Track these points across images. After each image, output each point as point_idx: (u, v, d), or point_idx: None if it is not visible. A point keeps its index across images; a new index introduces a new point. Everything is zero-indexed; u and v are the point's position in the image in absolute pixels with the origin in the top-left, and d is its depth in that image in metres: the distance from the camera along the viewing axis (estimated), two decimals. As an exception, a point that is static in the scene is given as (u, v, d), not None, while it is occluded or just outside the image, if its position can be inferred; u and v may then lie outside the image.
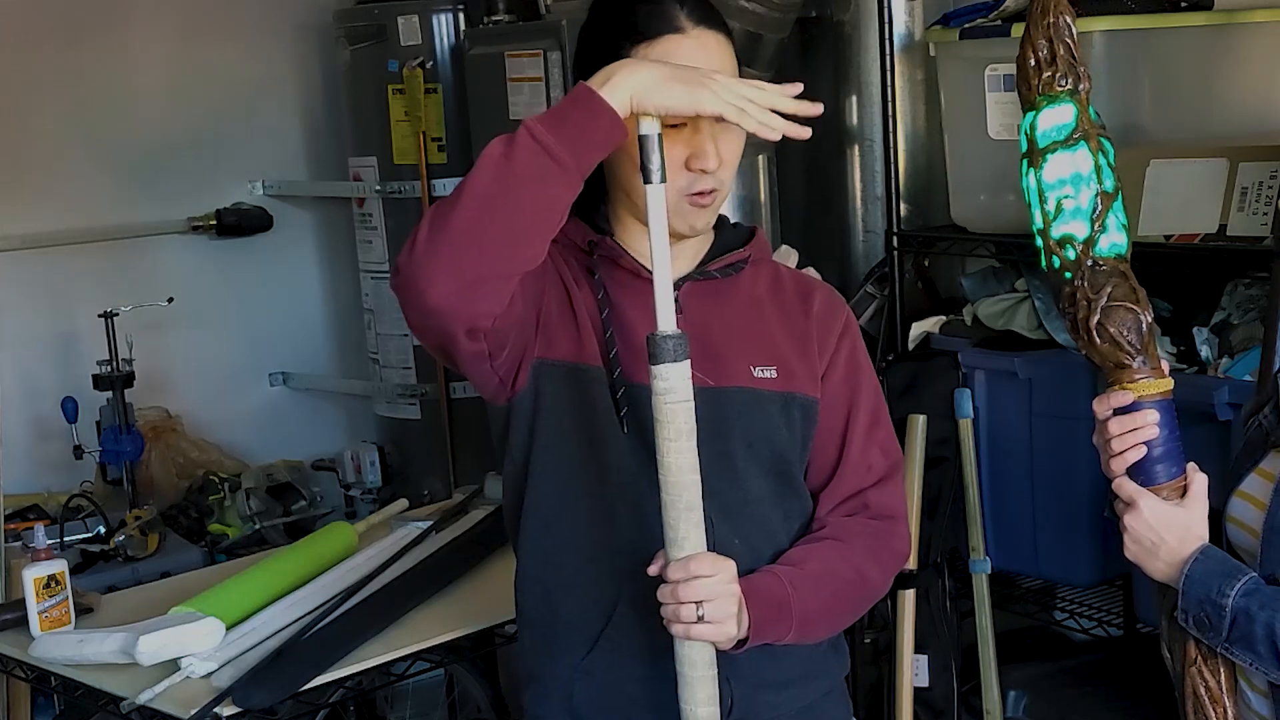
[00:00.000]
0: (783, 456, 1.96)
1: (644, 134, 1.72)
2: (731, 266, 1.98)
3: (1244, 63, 3.06)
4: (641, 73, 1.72)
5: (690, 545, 1.76)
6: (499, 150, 1.69)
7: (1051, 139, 1.91)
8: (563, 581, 1.95)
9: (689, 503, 1.75)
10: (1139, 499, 1.90)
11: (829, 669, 2.04)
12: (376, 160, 4.32)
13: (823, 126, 3.84)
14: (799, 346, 1.98)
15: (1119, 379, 1.91)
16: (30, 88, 4.21)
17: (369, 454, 4.36)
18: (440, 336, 1.78)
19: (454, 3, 4.19)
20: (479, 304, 1.73)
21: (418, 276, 1.70)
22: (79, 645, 2.52)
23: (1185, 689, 1.91)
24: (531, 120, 1.70)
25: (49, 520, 3.68)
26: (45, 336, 4.24)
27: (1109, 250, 1.90)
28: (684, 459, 1.74)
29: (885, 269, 3.63)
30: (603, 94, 1.70)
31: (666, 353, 1.72)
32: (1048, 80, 1.91)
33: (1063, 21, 1.91)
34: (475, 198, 1.68)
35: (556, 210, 1.72)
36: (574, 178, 1.70)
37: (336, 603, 2.63)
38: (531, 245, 1.72)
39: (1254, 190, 2.91)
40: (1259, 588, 1.82)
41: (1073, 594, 3.63)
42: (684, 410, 1.74)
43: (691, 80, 1.72)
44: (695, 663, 1.78)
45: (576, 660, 1.94)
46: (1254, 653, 1.81)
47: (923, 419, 3.31)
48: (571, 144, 1.69)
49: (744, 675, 1.92)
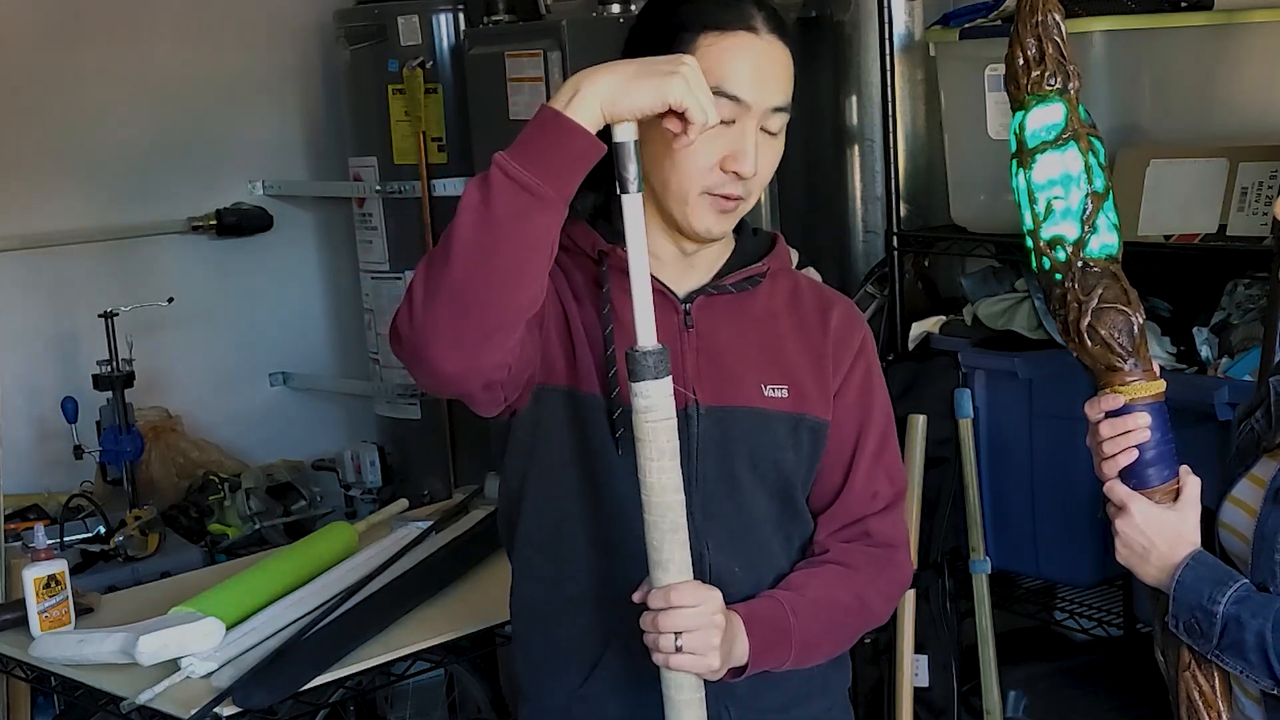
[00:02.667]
0: (788, 479, 1.91)
1: (618, 141, 1.64)
2: (748, 280, 1.91)
3: (1244, 63, 3.06)
4: (606, 78, 1.63)
5: (675, 567, 1.70)
6: (476, 196, 1.61)
7: (1041, 139, 1.89)
8: (560, 607, 1.91)
9: (673, 523, 1.69)
10: (1130, 503, 1.88)
11: (829, 685, 2.00)
12: (376, 160, 4.32)
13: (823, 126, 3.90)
14: (814, 365, 1.92)
15: (1110, 381, 1.89)
16: (30, 88, 4.21)
17: (369, 454, 4.36)
18: (454, 395, 1.73)
19: (454, 3, 4.19)
20: (491, 357, 1.67)
21: (426, 347, 1.64)
22: (79, 645, 2.52)
23: (1180, 694, 1.90)
24: (501, 156, 1.62)
25: (49, 520, 3.68)
26: (45, 336, 4.25)
27: (1100, 251, 1.88)
28: (667, 478, 1.68)
29: (885, 269, 3.62)
30: (569, 111, 1.61)
31: (647, 369, 1.65)
32: (1036, 79, 1.89)
33: (1051, 20, 1.89)
34: (464, 249, 1.60)
35: (548, 241, 1.64)
36: (558, 205, 1.63)
37: (336, 603, 2.62)
38: (532, 284, 1.66)
39: (1254, 190, 2.91)
40: (1250, 595, 1.80)
41: (1073, 594, 3.63)
42: (666, 428, 1.67)
43: (659, 72, 1.63)
44: (682, 685, 1.73)
45: (573, 686, 1.91)
46: (1244, 660, 1.80)
47: (923, 419, 3.30)
48: (547, 172, 1.60)
49: (744, 702, 1.89)
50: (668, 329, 1.85)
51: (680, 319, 1.87)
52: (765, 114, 1.80)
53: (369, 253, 4.41)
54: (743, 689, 1.87)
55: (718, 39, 1.80)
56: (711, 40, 1.79)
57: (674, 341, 1.85)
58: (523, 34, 3.93)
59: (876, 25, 3.55)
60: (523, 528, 1.92)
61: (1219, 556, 1.89)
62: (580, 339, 1.84)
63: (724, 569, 1.86)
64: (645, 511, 1.70)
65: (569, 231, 1.87)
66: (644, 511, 1.70)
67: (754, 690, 1.89)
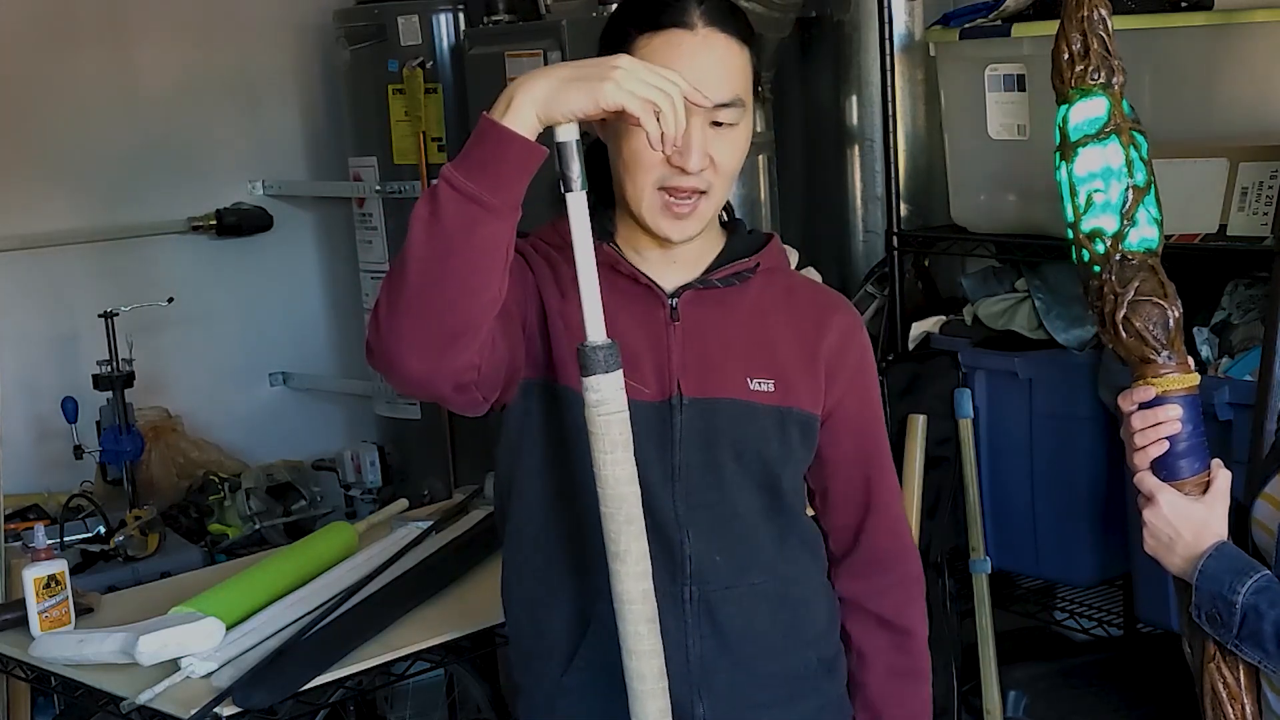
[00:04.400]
0: (773, 471, 1.92)
1: (560, 142, 1.66)
2: (736, 275, 1.92)
3: (1244, 63, 3.06)
4: (538, 84, 1.65)
5: (632, 558, 1.72)
6: (425, 210, 1.65)
7: (1083, 132, 1.90)
8: (542, 598, 1.94)
9: (628, 515, 1.72)
10: (1158, 494, 1.89)
11: (820, 687, 2.00)
12: (376, 160, 4.32)
13: (823, 126, 3.90)
14: (805, 361, 1.93)
15: (1144, 373, 1.90)
16: (30, 88, 4.21)
17: (369, 454, 4.36)
18: (429, 398, 1.77)
19: (454, 3, 4.19)
20: (455, 360, 1.70)
21: (389, 354, 1.69)
22: (79, 645, 2.52)
23: (1204, 686, 1.90)
24: (447, 167, 1.66)
25: (49, 520, 3.68)
26: (45, 336, 4.24)
27: (1138, 245, 1.90)
28: (621, 470, 1.70)
29: (885, 269, 3.63)
30: (506, 120, 1.63)
31: (597, 364, 1.69)
32: (1080, 74, 1.90)
33: (1097, 15, 1.90)
34: (417, 263, 1.65)
35: (499, 249, 1.67)
36: (504, 213, 1.65)
37: (336, 603, 2.62)
38: (488, 290, 1.68)
39: (1254, 190, 2.91)
40: (1270, 585, 1.81)
41: (1073, 594, 3.63)
42: (618, 421, 1.70)
43: (590, 76, 1.64)
44: (644, 676, 1.75)
45: (556, 677, 1.93)
46: (1262, 650, 1.81)
47: (923, 419, 3.31)
48: (489, 182, 1.63)
49: (720, 695, 1.91)
50: (654, 322, 1.88)
51: (666, 312, 1.89)
52: (708, 111, 1.79)
53: (369, 253, 4.41)
54: (722, 682, 1.89)
55: (651, 39, 1.81)
56: (646, 40, 1.81)
57: (660, 334, 1.88)
58: (523, 34, 3.93)
59: (876, 25, 3.55)
60: (513, 521, 1.95)
61: (1250, 552, 1.90)
62: (559, 332, 1.86)
63: (703, 558, 1.89)
64: (601, 504, 1.72)
65: (559, 227, 1.89)
66: (600, 504, 1.72)
67: (733, 684, 1.91)
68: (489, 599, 2.71)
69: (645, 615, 1.74)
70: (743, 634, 1.92)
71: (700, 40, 1.80)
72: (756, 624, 1.93)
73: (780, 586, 1.94)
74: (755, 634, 1.93)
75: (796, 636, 1.96)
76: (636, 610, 1.74)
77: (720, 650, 1.91)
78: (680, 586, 1.89)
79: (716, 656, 1.91)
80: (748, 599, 1.92)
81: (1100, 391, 3.16)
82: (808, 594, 1.99)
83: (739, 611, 1.91)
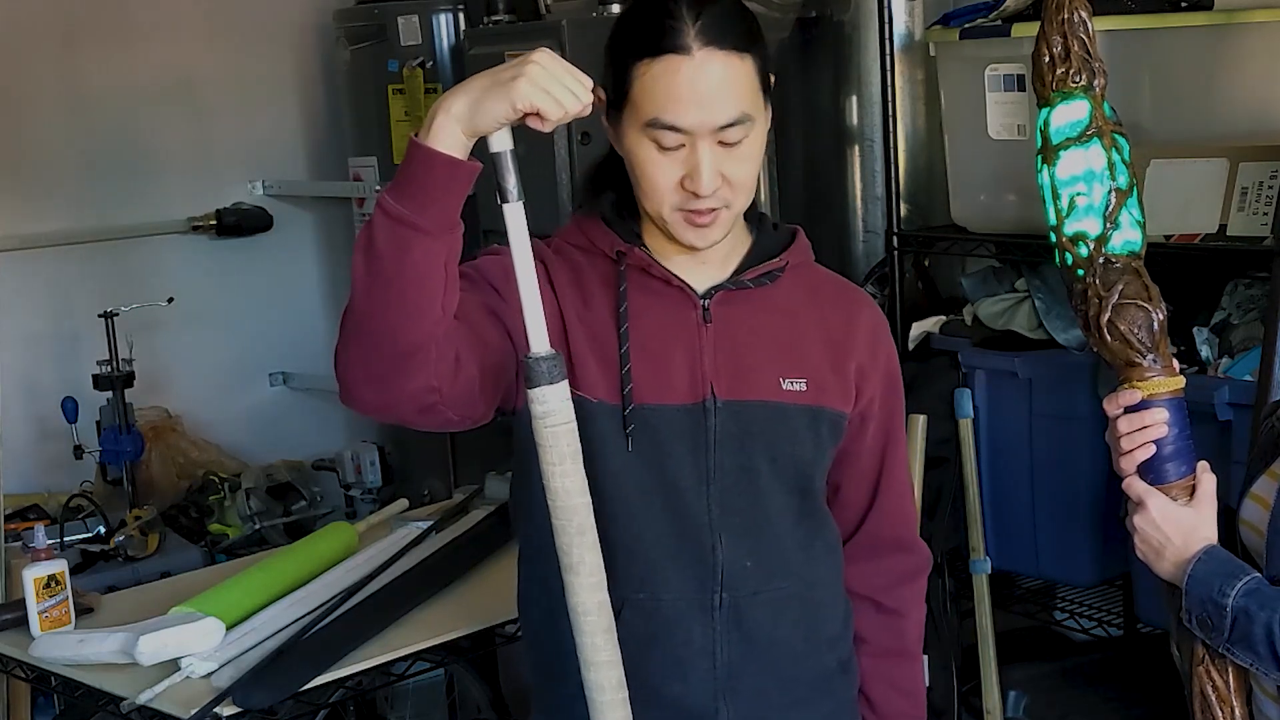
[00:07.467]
0: (807, 472, 1.92)
1: (494, 152, 1.65)
2: (766, 275, 1.91)
3: (1244, 63, 3.06)
4: (457, 99, 1.64)
5: (586, 569, 1.71)
6: (364, 238, 1.66)
7: (1065, 135, 1.89)
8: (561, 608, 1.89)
9: (580, 526, 1.70)
10: (1146, 498, 1.89)
11: (834, 690, 2.00)
12: (376, 160, 4.32)
13: (823, 126, 3.90)
14: (834, 361, 1.93)
15: (1129, 377, 1.90)
16: (30, 88, 4.21)
17: (369, 454, 4.35)
18: (394, 422, 1.79)
19: (454, 3, 4.19)
20: (408, 385, 1.70)
21: (344, 385, 1.73)
22: (79, 645, 2.52)
23: (1194, 690, 1.90)
24: (382, 193, 1.66)
25: (49, 520, 3.68)
26: (45, 336, 4.24)
27: (1122, 247, 1.89)
28: (571, 482, 1.69)
29: (885, 269, 3.62)
30: (430, 141, 1.63)
31: (542, 375, 1.67)
32: (1061, 76, 1.90)
33: (1078, 17, 1.90)
34: (359, 289, 1.67)
35: (436, 269, 1.66)
36: (438, 233, 1.64)
37: (336, 603, 2.62)
38: (430, 312, 1.67)
39: (1254, 190, 2.91)
40: (1260, 587, 1.81)
41: (1073, 594, 3.63)
42: (566, 432, 1.69)
43: (504, 82, 1.63)
44: (604, 687, 1.75)
45: (574, 689, 1.88)
46: (1254, 653, 1.81)
47: (923, 419, 3.30)
48: (418, 203, 1.63)
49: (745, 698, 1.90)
50: (686, 324, 1.87)
51: (698, 314, 1.88)
52: (713, 133, 1.78)
53: (369, 253, 4.40)
54: (747, 687, 1.89)
55: (649, 66, 1.77)
56: (644, 69, 1.78)
57: (692, 336, 1.87)
58: (523, 34, 3.93)
59: (876, 25, 3.55)
60: (528, 530, 1.94)
61: (1239, 554, 1.89)
62: (578, 339, 1.85)
63: (735, 564, 1.87)
64: (552, 516, 1.72)
65: (586, 231, 1.89)
66: (551, 516, 1.72)
67: (757, 689, 1.90)
68: (489, 599, 2.72)
69: (602, 626, 1.74)
70: (769, 639, 1.91)
71: (697, 65, 1.76)
72: (781, 628, 1.92)
73: (803, 590, 1.94)
74: (780, 638, 1.92)
75: (817, 639, 1.96)
76: (593, 621, 1.73)
77: (747, 656, 1.90)
78: (710, 594, 1.87)
79: (743, 662, 1.90)
80: (774, 603, 1.91)
81: (1100, 391, 3.16)
82: (827, 596, 1.98)
83: (766, 616, 1.90)
